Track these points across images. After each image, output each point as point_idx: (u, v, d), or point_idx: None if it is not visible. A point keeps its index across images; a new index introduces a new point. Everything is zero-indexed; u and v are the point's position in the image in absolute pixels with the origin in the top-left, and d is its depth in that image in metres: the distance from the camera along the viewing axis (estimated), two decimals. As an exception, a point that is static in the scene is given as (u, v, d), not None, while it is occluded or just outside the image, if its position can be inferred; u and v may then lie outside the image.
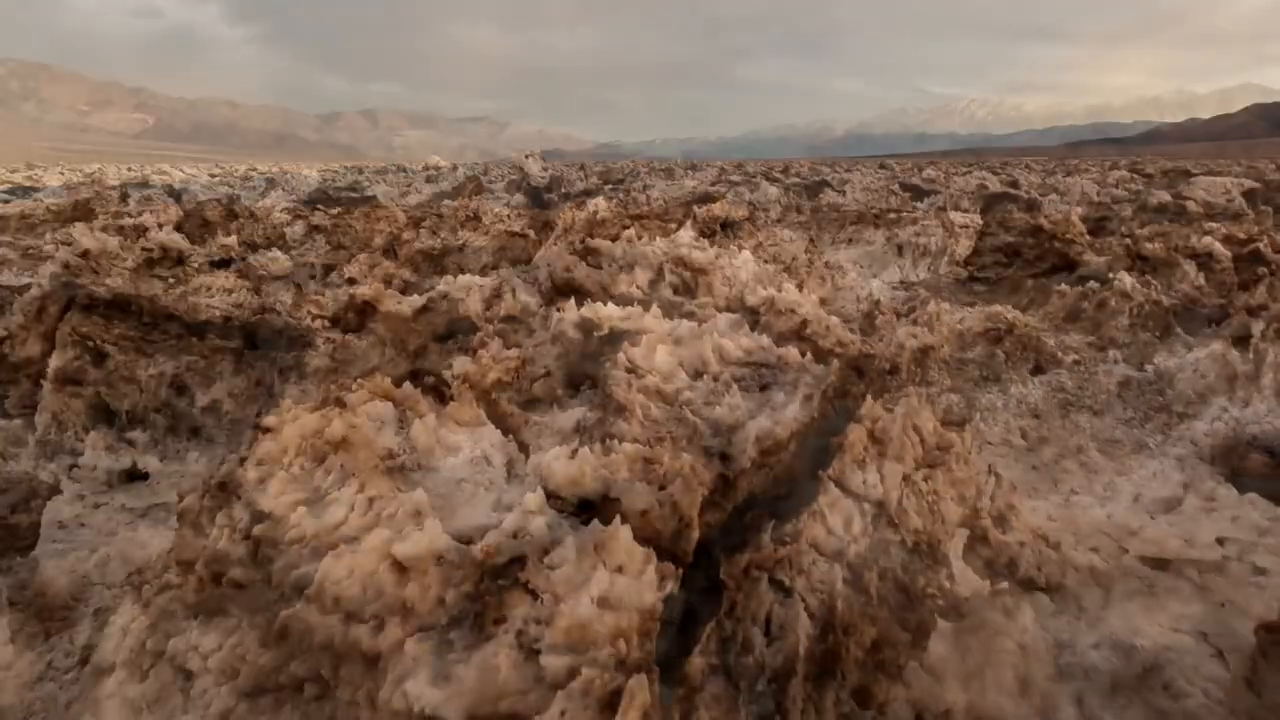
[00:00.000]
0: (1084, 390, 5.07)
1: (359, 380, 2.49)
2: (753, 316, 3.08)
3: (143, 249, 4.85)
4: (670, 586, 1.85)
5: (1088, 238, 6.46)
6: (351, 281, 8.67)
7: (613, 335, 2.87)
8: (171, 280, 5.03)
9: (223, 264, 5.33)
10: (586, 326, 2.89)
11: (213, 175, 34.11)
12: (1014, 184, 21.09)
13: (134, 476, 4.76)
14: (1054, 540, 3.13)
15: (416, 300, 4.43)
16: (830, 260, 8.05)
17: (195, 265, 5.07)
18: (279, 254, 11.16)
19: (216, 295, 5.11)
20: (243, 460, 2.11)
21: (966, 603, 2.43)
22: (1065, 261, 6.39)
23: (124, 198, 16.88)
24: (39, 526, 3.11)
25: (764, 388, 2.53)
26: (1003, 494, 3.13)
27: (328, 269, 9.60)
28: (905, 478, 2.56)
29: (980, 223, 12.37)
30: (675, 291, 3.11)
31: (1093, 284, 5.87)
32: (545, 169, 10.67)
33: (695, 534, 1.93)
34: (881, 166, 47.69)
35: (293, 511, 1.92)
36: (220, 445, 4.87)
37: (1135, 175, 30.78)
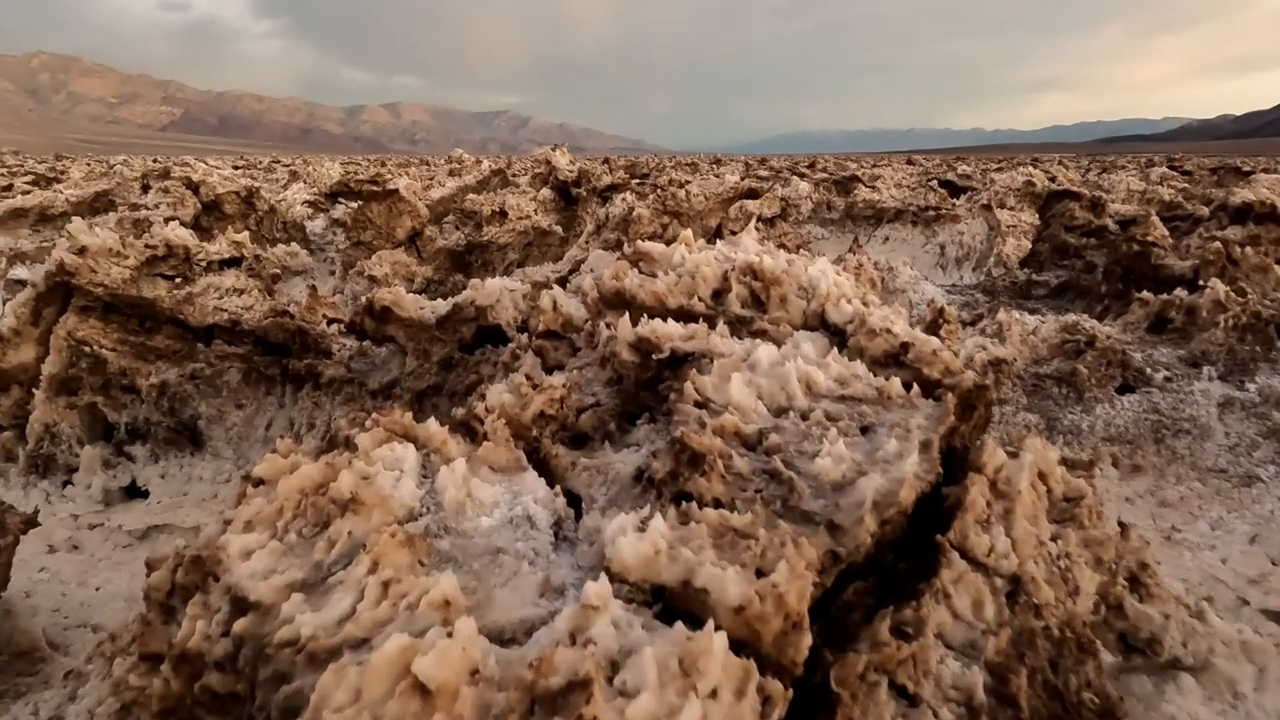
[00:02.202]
0: (1179, 412, 4.54)
1: (374, 415, 2.05)
2: (836, 336, 2.61)
3: (146, 246, 4.46)
4: (777, 713, 1.40)
5: (1170, 240, 5.93)
6: (372, 279, 8.29)
7: (674, 358, 2.41)
8: (178, 280, 4.64)
9: (233, 262, 4.93)
10: (643, 347, 2.43)
11: (236, 167, 34.06)
12: (1052, 180, 20.32)
13: (133, 493, 4.38)
14: (1196, 608, 2.63)
15: (441, 306, 4.00)
16: (880, 261, 7.56)
17: (203, 263, 4.67)
18: (298, 248, 10.84)
19: (225, 296, 4.72)
20: (226, 524, 1.68)
21: (1121, 704, 1.95)
22: (1144, 265, 5.85)
23: (145, 189, 16.66)
24: (9, 568, 2.71)
25: (865, 430, 2.07)
26: (1133, 550, 2.65)
27: (348, 265, 9.24)
28: (1039, 541, 2.09)
29: (1030, 222, 11.77)
30: (743, 305, 2.64)
31: (1180, 291, 5.32)
32: (573, 163, 10.23)
33: (806, 638, 1.48)
34: (909, 162, 46.79)
35: (285, 599, 1.49)
36: (227, 460, 4.47)
37: (1175, 172, 29.71)
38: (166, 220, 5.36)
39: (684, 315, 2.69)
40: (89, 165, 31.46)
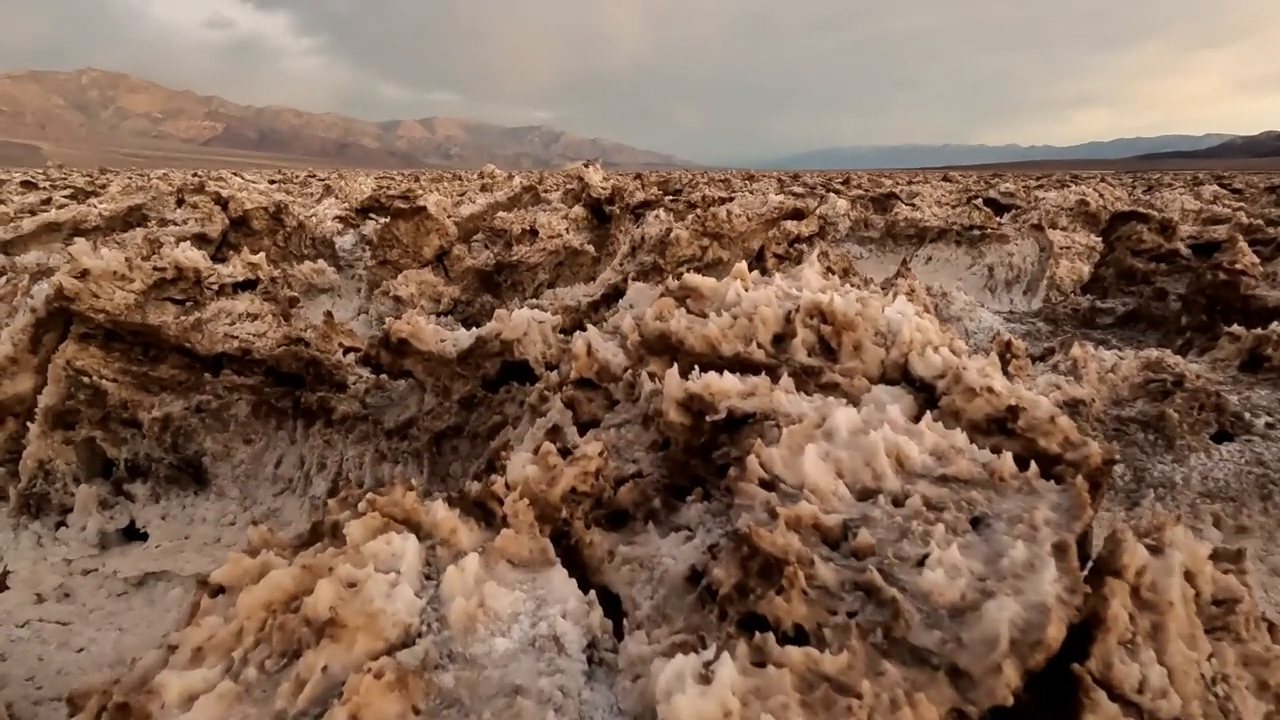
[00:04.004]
0: (1287, 464, 4.03)
1: (370, 495, 1.68)
2: (923, 393, 2.19)
3: (155, 268, 4.18)
4: None
5: (1259, 267, 5.42)
6: (398, 300, 8.01)
7: (732, 419, 2.02)
8: (188, 304, 4.36)
9: (248, 285, 4.64)
10: (694, 406, 2.04)
11: (272, 182, 34.43)
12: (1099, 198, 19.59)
13: (131, 535, 4.08)
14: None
15: (463, 339, 3.65)
16: (933, 286, 7.09)
17: (215, 286, 4.38)
18: (325, 266, 10.64)
19: (237, 322, 4.42)
20: (171, 649, 1.31)
21: None
22: (1231, 296, 5.33)
23: (180, 203, 16.70)
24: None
25: (976, 523, 1.66)
26: (1286, 658, 2.18)
27: (373, 285, 8.98)
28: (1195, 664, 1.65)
29: (1085, 243, 11.21)
30: (810, 352, 2.24)
31: (1276, 325, 4.81)
32: (606, 179, 9.91)
33: None
34: (945, 178, 45.99)
35: (231, 774, 1.11)
36: (232, 500, 4.15)
37: (1226, 190, 28.64)
38: (179, 240, 5.11)
39: (740, 364, 2.29)
40: (129, 179, 31.97)
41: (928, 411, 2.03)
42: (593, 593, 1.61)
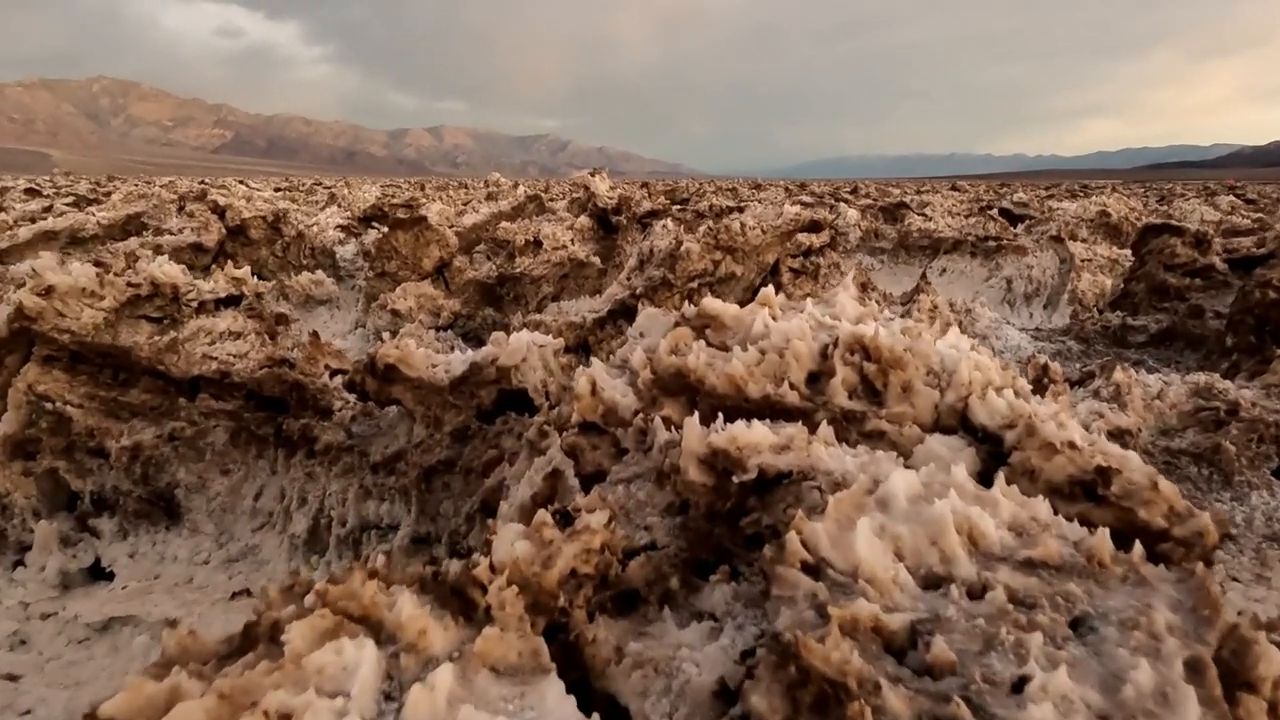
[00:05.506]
0: (1359, 504, 3.67)
1: (320, 585, 1.36)
2: (985, 444, 1.86)
3: (129, 284, 3.88)
4: None
5: (1312, 286, 5.07)
6: (395, 314, 7.71)
7: (763, 478, 1.69)
8: (166, 322, 4.06)
9: (232, 300, 4.34)
10: (719, 464, 1.72)
11: (278, 189, 34.31)
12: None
13: (97, 574, 3.76)
14: None
15: (456, 365, 3.33)
16: (956, 302, 6.74)
17: (194, 303, 4.08)
18: (324, 276, 10.35)
19: (217, 341, 4.11)
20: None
21: None
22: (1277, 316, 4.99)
23: (181, 210, 16.48)
24: None
25: (1076, 625, 1.33)
26: None
27: (370, 298, 8.69)
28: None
29: (1107, 256, 10.87)
30: (851, 394, 1.91)
31: (1334, 349, 4.46)
32: (613, 189, 9.62)
33: None
34: (954, 188, 45.63)
35: None
36: (207, 537, 3.84)
37: (1240, 200, 28.26)
38: (174, 250, 4.81)
39: (770, 408, 1.97)
40: (133, 186, 31.83)
41: (996, 471, 1.70)
42: (596, 717, 1.28)
